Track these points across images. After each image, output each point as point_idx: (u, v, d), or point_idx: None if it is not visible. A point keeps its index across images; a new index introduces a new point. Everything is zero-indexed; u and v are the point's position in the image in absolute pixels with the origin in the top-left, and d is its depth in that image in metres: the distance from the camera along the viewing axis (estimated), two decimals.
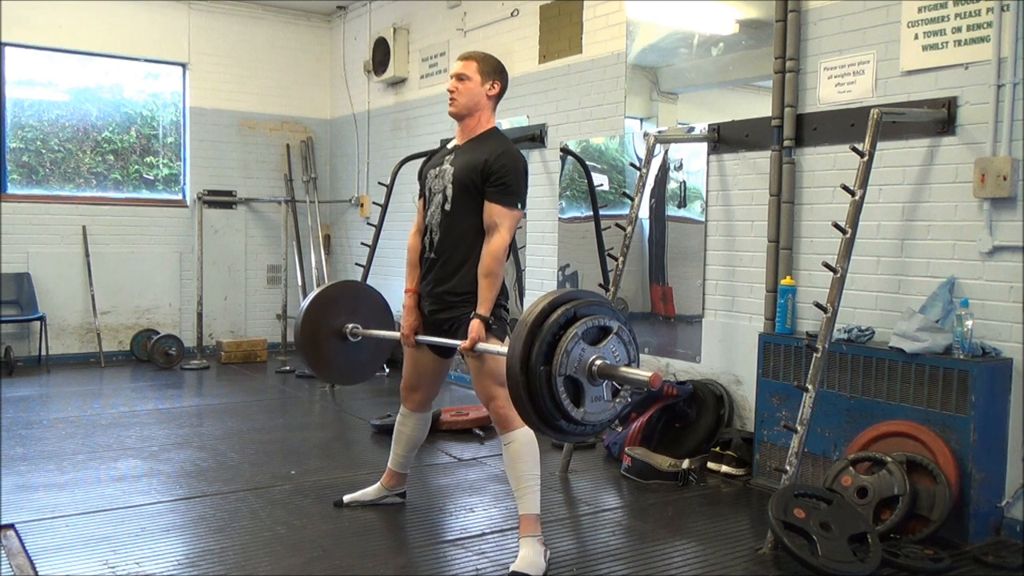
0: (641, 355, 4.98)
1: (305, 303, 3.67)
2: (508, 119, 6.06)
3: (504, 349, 2.87)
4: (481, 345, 2.98)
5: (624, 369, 2.51)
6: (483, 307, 3.02)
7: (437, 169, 3.23)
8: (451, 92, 3.18)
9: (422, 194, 3.33)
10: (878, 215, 3.79)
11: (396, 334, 3.50)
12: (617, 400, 2.59)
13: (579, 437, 2.66)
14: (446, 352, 3.35)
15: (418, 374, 3.43)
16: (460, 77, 3.16)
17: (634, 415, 4.34)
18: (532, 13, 5.81)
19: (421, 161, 3.49)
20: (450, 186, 3.13)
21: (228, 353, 7.43)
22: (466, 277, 3.11)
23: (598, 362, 2.49)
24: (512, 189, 3.03)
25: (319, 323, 3.63)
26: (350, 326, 3.67)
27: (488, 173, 3.04)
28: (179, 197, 7.79)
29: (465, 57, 3.21)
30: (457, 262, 3.13)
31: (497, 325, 3.09)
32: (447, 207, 3.14)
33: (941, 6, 3.58)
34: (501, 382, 3.02)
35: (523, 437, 3.03)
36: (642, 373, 2.46)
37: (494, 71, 3.19)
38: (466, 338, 3.00)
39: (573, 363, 2.46)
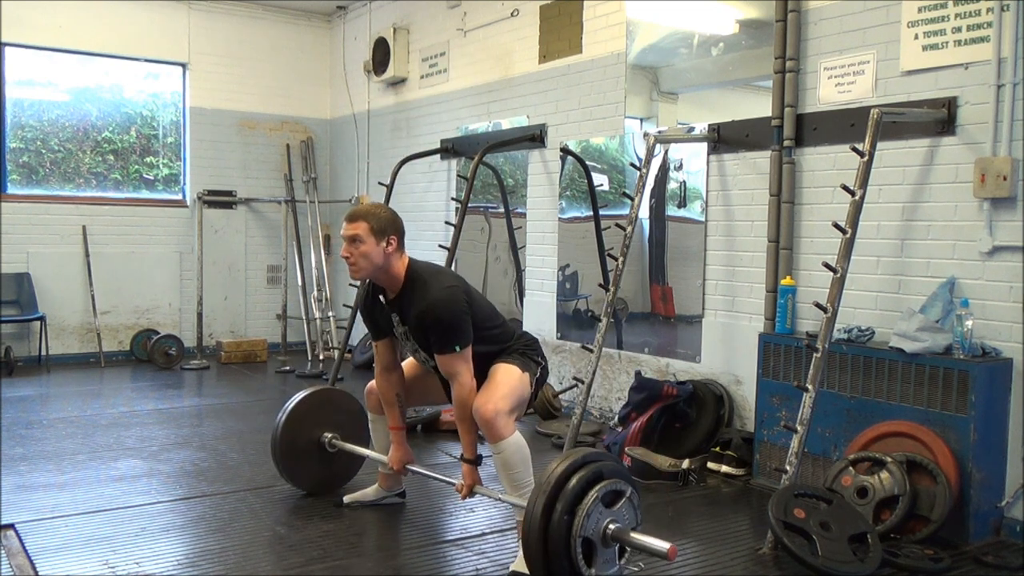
0: (641, 355, 5.02)
1: (281, 417, 3.70)
2: (508, 119, 6.07)
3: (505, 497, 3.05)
4: (479, 488, 3.18)
5: (639, 537, 2.59)
6: (467, 451, 3.18)
7: (392, 322, 3.24)
8: (347, 258, 3.07)
9: (382, 335, 3.31)
10: (878, 215, 3.79)
11: (383, 457, 3.53)
12: (623, 561, 2.67)
13: None
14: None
15: (414, 393, 3.51)
16: (353, 240, 3.04)
17: (634, 415, 4.34)
18: (532, 13, 5.80)
19: (363, 299, 3.38)
20: (413, 338, 3.20)
21: (228, 353, 7.43)
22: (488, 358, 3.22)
23: (612, 526, 2.59)
24: (448, 337, 3.04)
25: (297, 435, 3.69)
26: (328, 436, 3.74)
27: (425, 332, 3.09)
28: (179, 197, 7.79)
29: (353, 218, 3.07)
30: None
31: (523, 363, 3.20)
32: (426, 348, 3.19)
33: (941, 6, 3.58)
34: (503, 395, 3.05)
35: (512, 446, 3.07)
36: (659, 544, 2.52)
37: (386, 227, 3.06)
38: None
39: (591, 526, 2.55)
